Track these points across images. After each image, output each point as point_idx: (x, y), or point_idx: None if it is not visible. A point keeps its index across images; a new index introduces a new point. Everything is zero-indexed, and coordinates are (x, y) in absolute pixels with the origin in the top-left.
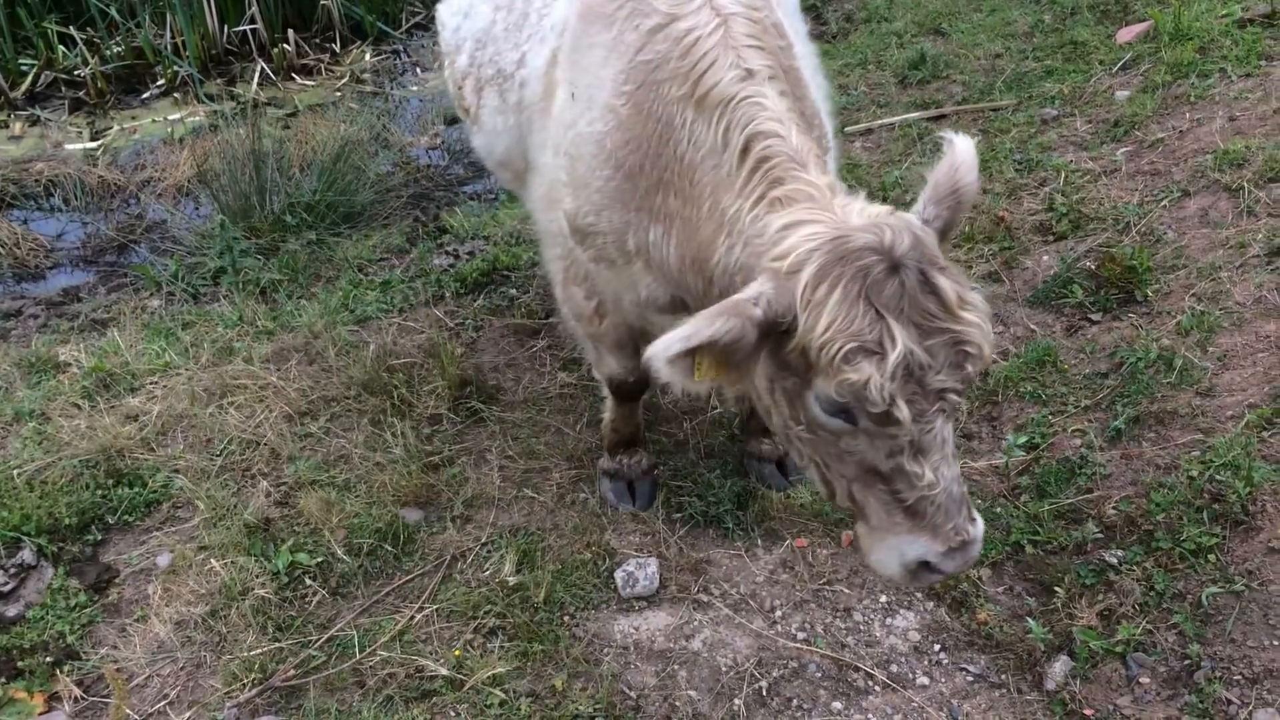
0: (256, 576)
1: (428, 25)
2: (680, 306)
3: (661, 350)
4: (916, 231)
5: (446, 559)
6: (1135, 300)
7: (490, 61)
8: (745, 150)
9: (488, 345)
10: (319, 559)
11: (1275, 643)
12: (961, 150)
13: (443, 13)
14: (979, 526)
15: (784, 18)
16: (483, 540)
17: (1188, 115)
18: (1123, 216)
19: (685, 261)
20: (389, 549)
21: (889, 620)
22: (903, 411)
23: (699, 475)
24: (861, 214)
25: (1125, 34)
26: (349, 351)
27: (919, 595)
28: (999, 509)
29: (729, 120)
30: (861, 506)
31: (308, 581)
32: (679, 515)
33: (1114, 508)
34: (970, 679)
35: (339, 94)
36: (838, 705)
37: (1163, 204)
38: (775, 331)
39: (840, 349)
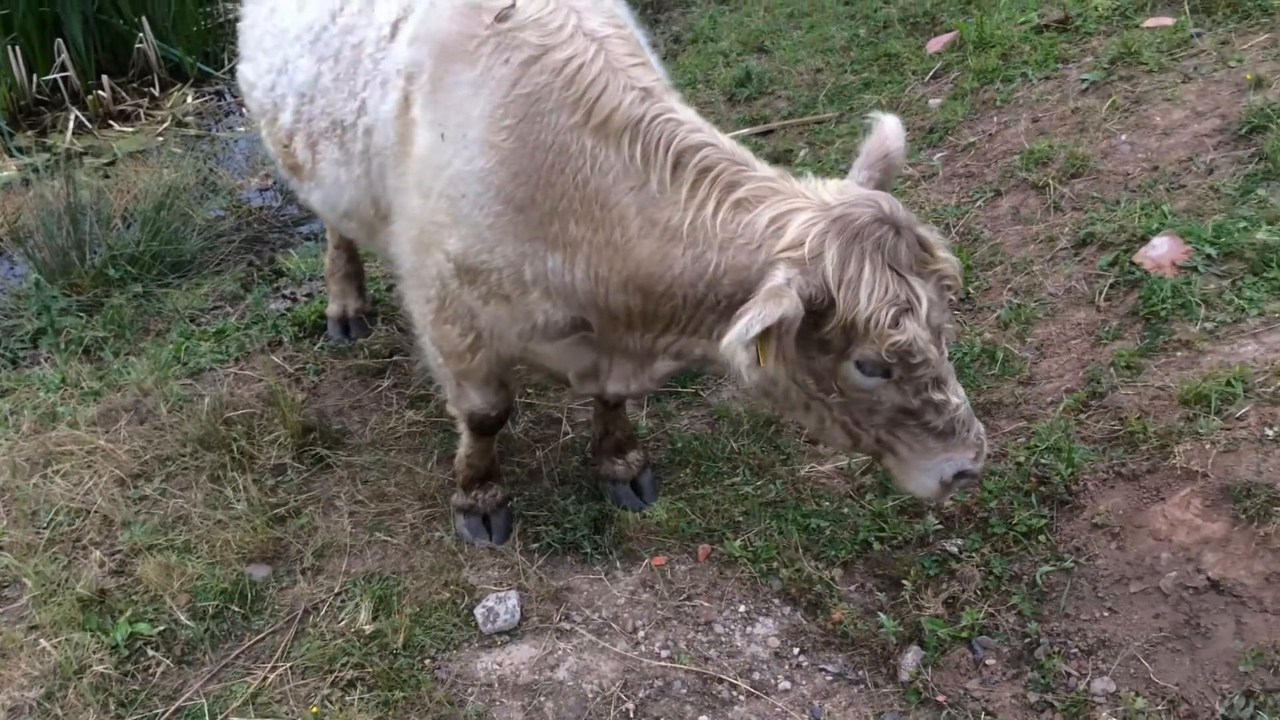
0: (94, 652)
1: None
2: (581, 327)
3: (741, 335)
4: (854, 181)
5: (298, 613)
6: (958, 297)
7: (322, 114)
8: (677, 166)
9: (330, 389)
10: (161, 627)
11: (1106, 614)
12: (889, 124)
13: (248, 73)
14: (980, 424)
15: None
16: (336, 590)
17: (995, 119)
18: (943, 218)
19: (608, 283)
20: (236, 609)
21: (749, 629)
22: (933, 352)
23: (554, 503)
24: (831, 191)
25: (934, 44)
26: (182, 407)
27: (775, 601)
28: (846, 509)
29: (645, 141)
30: (889, 445)
31: (150, 652)
32: (536, 545)
33: (951, 498)
34: (829, 678)
35: (161, 139)
36: (704, 719)
37: (978, 204)
38: (813, 312)
39: (887, 316)
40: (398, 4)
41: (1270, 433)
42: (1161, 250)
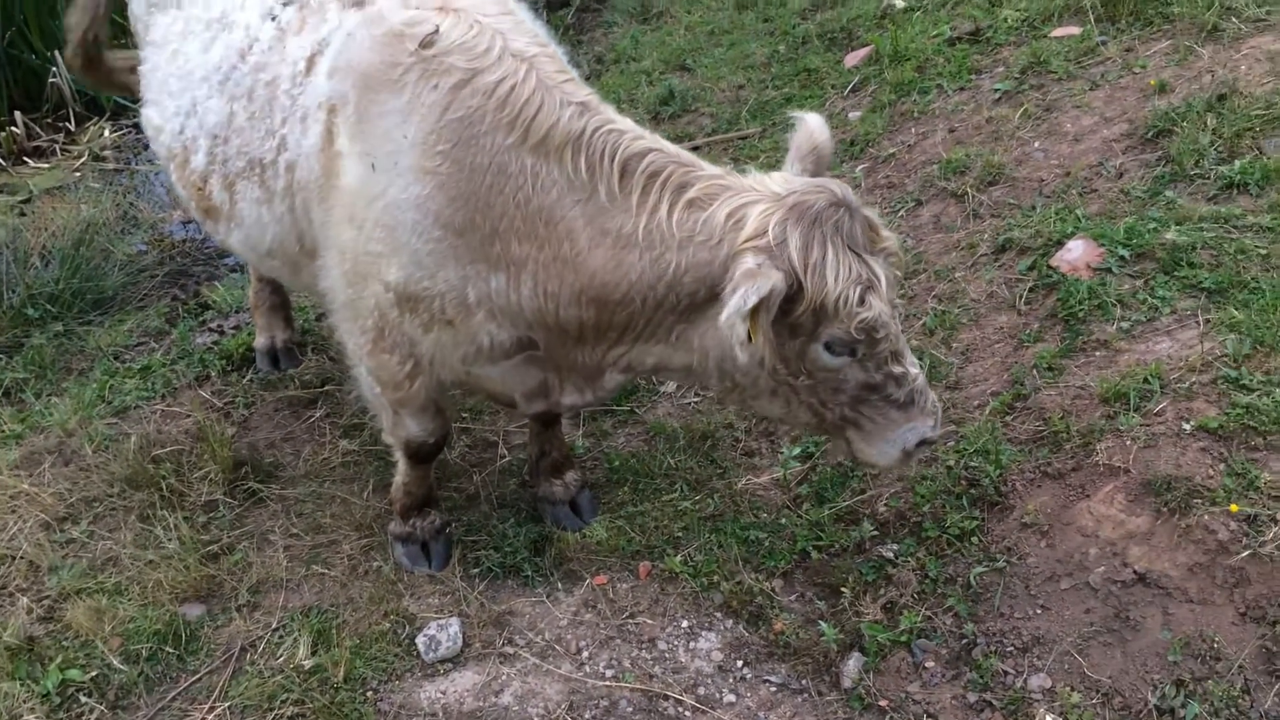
0: (24, 702)
1: None
2: (527, 346)
3: (739, 306)
4: (789, 173)
5: (235, 652)
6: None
7: (238, 154)
8: (625, 174)
9: (262, 421)
10: (93, 673)
11: (1039, 611)
12: (812, 120)
13: (154, 117)
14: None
15: None
16: (273, 626)
17: (913, 130)
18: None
19: (558, 298)
20: (170, 650)
21: (692, 644)
22: (895, 326)
23: (493, 527)
24: (778, 183)
25: (852, 58)
26: (108, 446)
27: (718, 615)
28: (784, 520)
29: (589, 153)
30: (853, 421)
31: (83, 699)
32: (477, 570)
33: (885, 504)
34: (774, 689)
35: (78, 174)
36: None
37: (900, 214)
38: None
39: (856, 294)
40: (310, 39)
41: (1187, 427)
42: (1076, 253)
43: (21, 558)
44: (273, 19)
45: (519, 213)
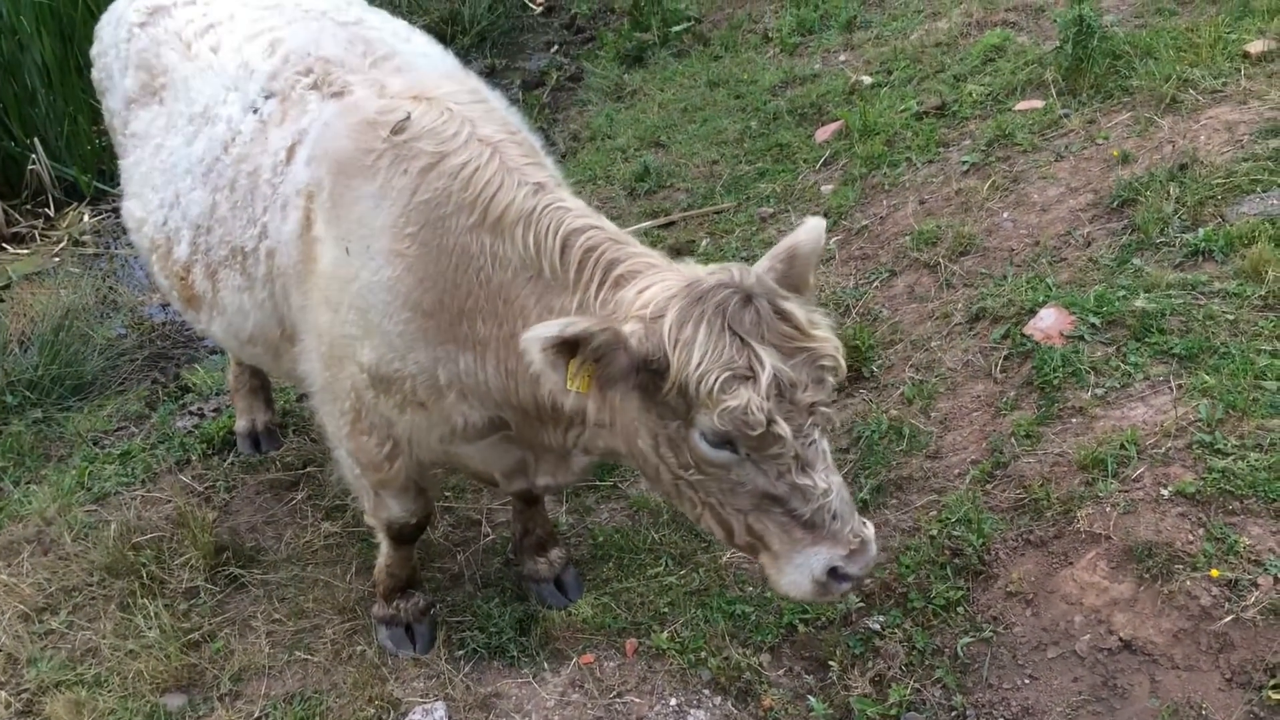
0: None
1: None
2: (501, 426)
3: (539, 332)
4: (757, 270)
5: None
6: (864, 376)
7: (221, 243)
8: (565, 249)
9: (243, 505)
10: None
11: (1027, 681)
12: (808, 222)
13: (135, 210)
14: (871, 528)
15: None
16: (255, 715)
17: (885, 202)
18: (843, 300)
19: (517, 377)
20: None
21: None
22: (783, 428)
23: (478, 607)
24: (704, 270)
25: (822, 133)
26: (88, 534)
27: (706, 691)
28: (769, 593)
29: (535, 230)
30: (761, 536)
31: None
32: (462, 652)
33: (870, 576)
34: None
35: (57, 259)
36: None
37: (875, 285)
38: (646, 369)
39: (716, 379)
40: (291, 129)
41: (1165, 492)
42: (1049, 321)
43: (0, 650)
44: (255, 111)
45: (482, 291)
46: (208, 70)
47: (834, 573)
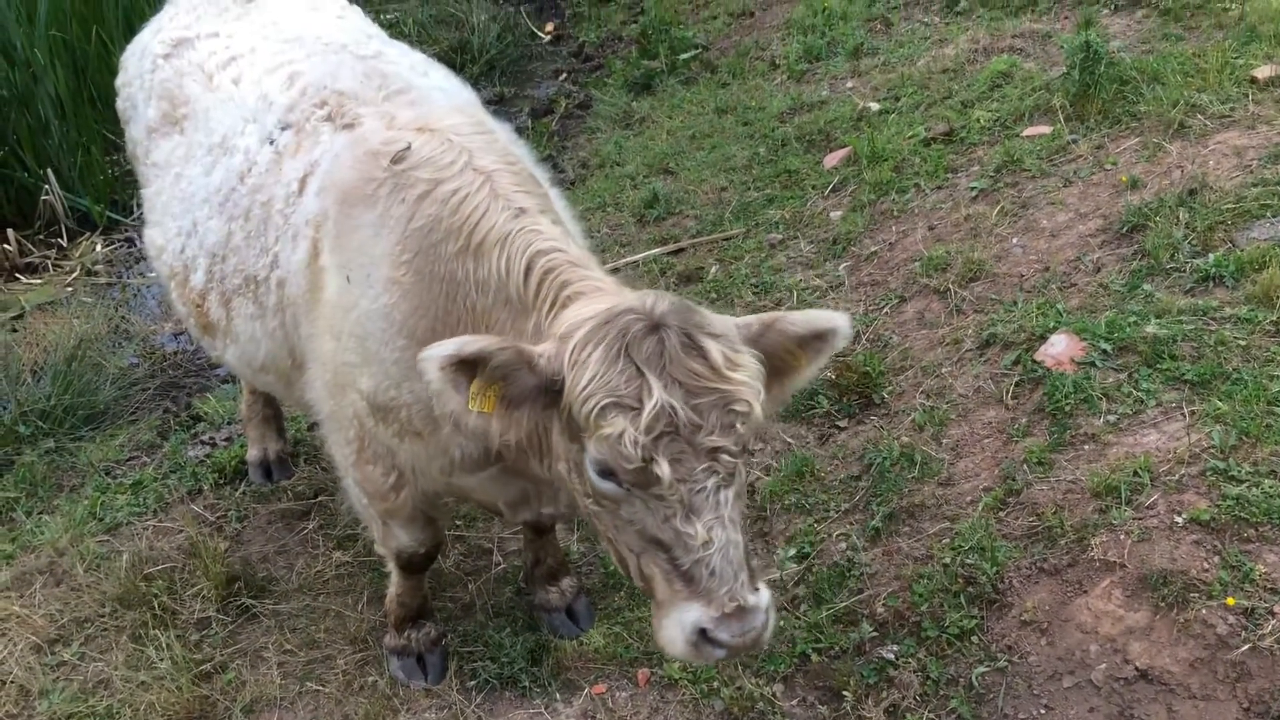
0: None
1: None
2: (499, 457)
3: (435, 351)
4: (686, 302)
5: None
6: (874, 403)
7: (235, 271)
8: (528, 271)
9: (254, 535)
10: None
11: (1043, 711)
12: (825, 314)
13: (156, 238)
14: (763, 596)
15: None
16: None
17: (894, 228)
18: (853, 326)
19: None
20: None
21: None
22: (663, 469)
23: (489, 637)
24: (638, 295)
25: (831, 159)
26: (100, 565)
27: None
28: (781, 622)
29: (508, 253)
30: (649, 580)
31: None
32: (474, 682)
33: (883, 605)
34: None
35: (70, 289)
36: None
37: (885, 311)
38: (552, 390)
39: (596, 404)
40: (304, 160)
41: (1179, 520)
42: (1060, 347)
43: (12, 681)
44: (271, 143)
45: (469, 317)
46: (228, 102)
47: (704, 634)
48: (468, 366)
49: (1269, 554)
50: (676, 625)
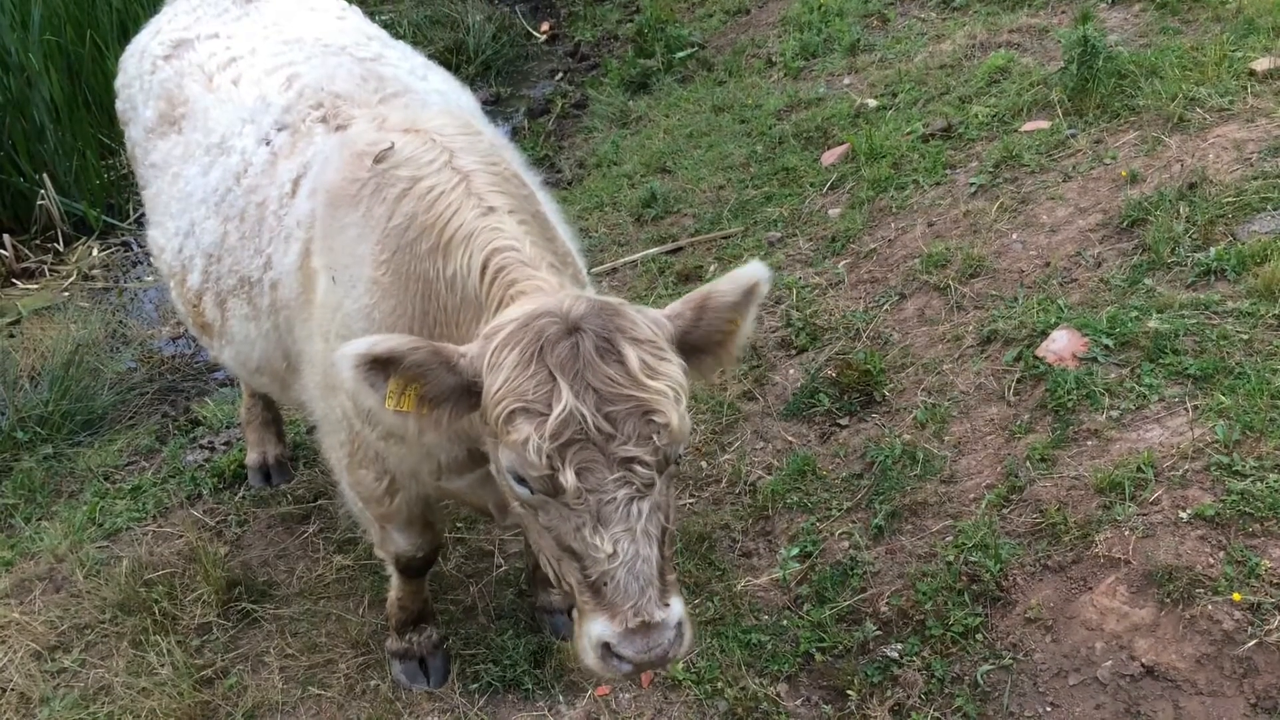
0: None
1: None
2: (483, 459)
3: (348, 349)
4: (611, 304)
5: None
6: (875, 401)
7: (230, 272)
8: (484, 269)
9: (255, 539)
10: None
11: (1049, 709)
12: (742, 270)
13: (157, 238)
14: (673, 612)
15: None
16: None
17: (893, 225)
18: (853, 324)
19: None
20: None
21: None
22: (568, 478)
23: (491, 639)
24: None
25: (829, 157)
26: (99, 571)
27: None
28: (785, 621)
29: (470, 250)
30: (570, 589)
31: None
32: (476, 685)
33: (887, 603)
34: None
35: (67, 294)
36: None
37: (885, 308)
38: (474, 392)
39: (505, 408)
40: (298, 162)
41: (1184, 515)
42: (1061, 343)
43: (12, 689)
44: (267, 144)
45: (442, 316)
46: (227, 102)
47: (608, 648)
48: (381, 365)
49: (1275, 549)
50: (585, 636)
